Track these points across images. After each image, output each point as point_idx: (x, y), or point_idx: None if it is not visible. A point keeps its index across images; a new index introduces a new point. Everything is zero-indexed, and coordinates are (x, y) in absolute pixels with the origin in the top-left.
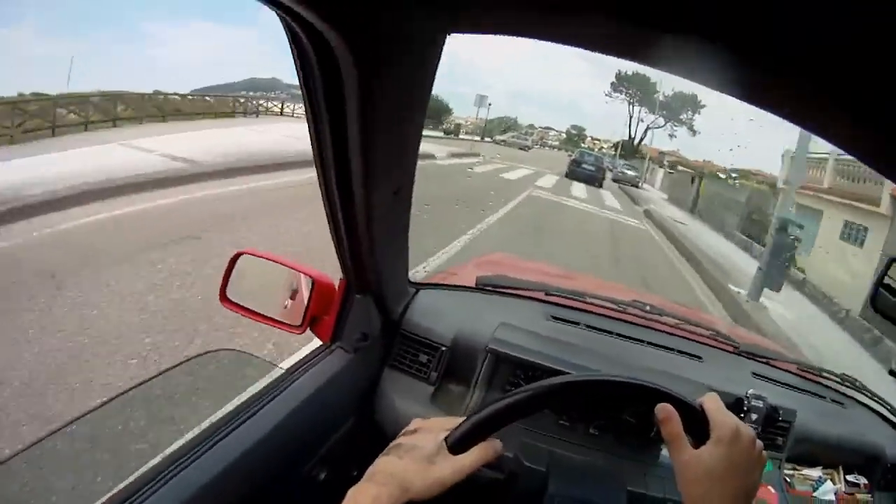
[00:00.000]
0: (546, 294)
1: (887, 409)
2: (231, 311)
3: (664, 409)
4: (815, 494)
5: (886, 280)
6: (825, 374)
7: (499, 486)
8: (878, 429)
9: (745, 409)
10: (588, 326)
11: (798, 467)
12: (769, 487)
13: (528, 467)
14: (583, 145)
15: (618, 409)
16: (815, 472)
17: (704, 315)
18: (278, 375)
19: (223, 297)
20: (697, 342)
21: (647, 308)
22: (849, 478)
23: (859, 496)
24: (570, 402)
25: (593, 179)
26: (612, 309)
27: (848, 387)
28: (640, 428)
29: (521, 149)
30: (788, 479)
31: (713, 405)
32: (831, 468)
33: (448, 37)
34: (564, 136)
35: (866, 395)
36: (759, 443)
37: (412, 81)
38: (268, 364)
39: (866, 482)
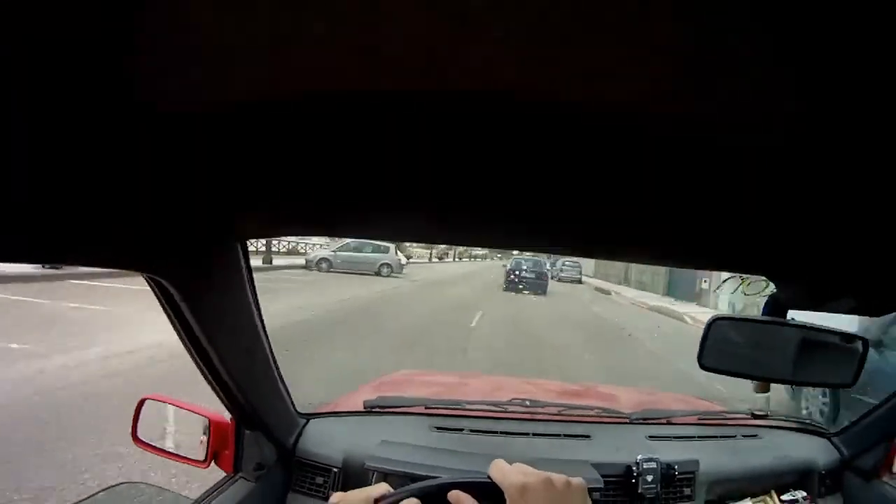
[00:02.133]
0: (427, 408)
1: (803, 422)
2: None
3: (452, 496)
4: None
5: (710, 338)
6: (729, 416)
7: None
8: (801, 444)
9: (636, 473)
10: (472, 430)
11: None
12: None
13: None
14: None
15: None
16: None
17: (601, 389)
18: None
19: (134, 437)
20: (585, 422)
21: (528, 403)
22: (784, 497)
23: None
24: None
25: (536, 287)
26: (493, 410)
27: (758, 418)
28: None
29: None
30: None
31: (497, 472)
32: (763, 496)
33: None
34: None
35: (778, 419)
36: (561, 478)
37: (231, 283)
38: (174, 495)
39: (805, 495)
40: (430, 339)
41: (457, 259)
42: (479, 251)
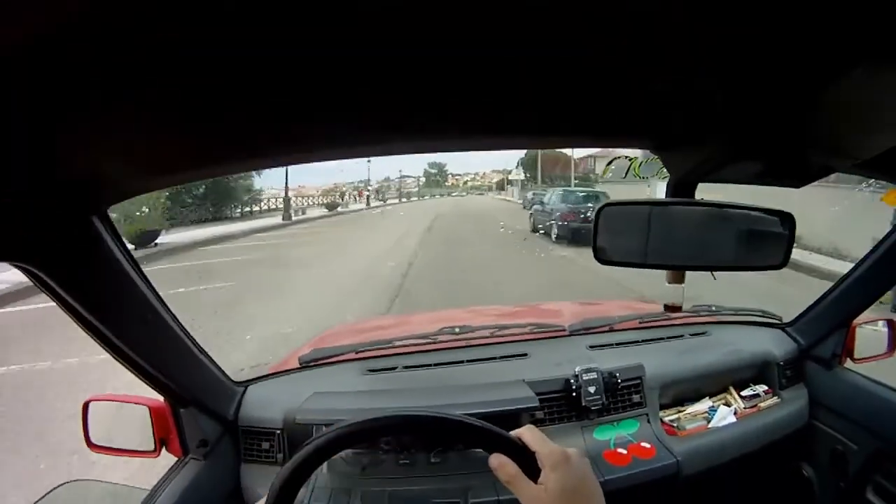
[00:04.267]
0: (357, 353)
1: (754, 314)
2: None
3: (495, 458)
4: (710, 426)
5: (600, 229)
6: (673, 315)
7: None
8: (754, 337)
9: (576, 386)
10: (405, 367)
11: (682, 408)
12: (642, 444)
13: None
14: (446, 185)
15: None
16: (704, 405)
17: (542, 307)
18: (143, 499)
19: (89, 443)
20: (521, 341)
21: (457, 330)
22: (745, 392)
23: (763, 404)
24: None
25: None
26: (424, 343)
27: (704, 315)
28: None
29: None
30: (675, 424)
31: (532, 437)
32: (722, 393)
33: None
34: (423, 180)
35: (727, 314)
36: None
37: (100, 259)
38: (125, 488)
39: (766, 388)
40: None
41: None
42: None
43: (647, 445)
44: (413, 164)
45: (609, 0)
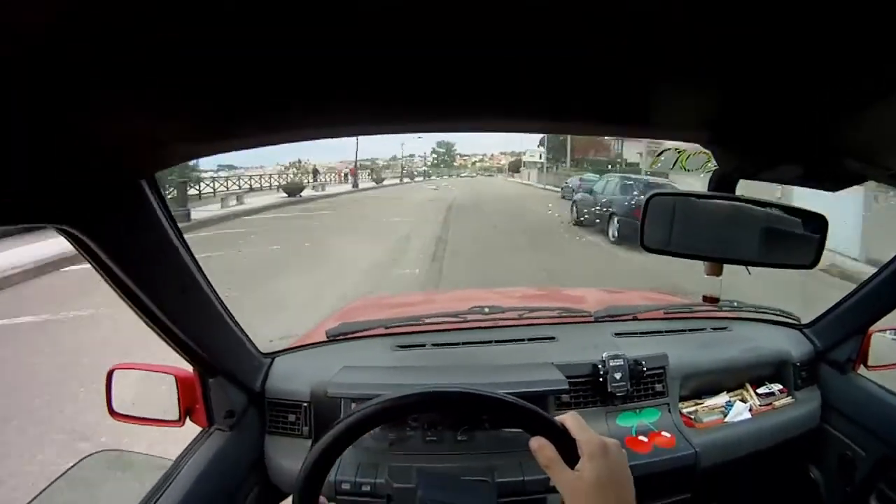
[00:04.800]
0: (387, 328)
1: (774, 313)
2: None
3: (536, 440)
4: (726, 420)
5: (649, 217)
6: (696, 308)
7: None
8: (773, 336)
9: (604, 371)
10: (434, 345)
11: (700, 401)
12: (663, 433)
13: (398, 488)
14: (454, 165)
15: (472, 415)
16: (721, 399)
17: (565, 292)
18: (168, 468)
19: (111, 411)
20: (549, 324)
21: (486, 310)
22: (760, 390)
23: (777, 403)
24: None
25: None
26: (454, 321)
27: (727, 310)
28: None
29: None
30: (692, 416)
31: (575, 424)
32: (739, 389)
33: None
34: (432, 159)
35: (748, 310)
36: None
37: (145, 224)
38: (152, 458)
39: (781, 387)
40: None
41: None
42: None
43: (668, 435)
44: (419, 145)
45: None
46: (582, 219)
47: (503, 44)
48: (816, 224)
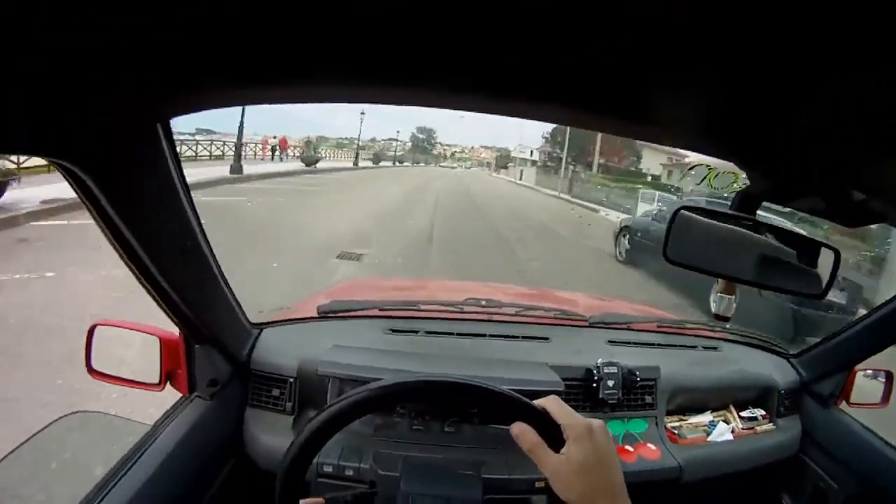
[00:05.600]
0: (380, 310)
1: (763, 339)
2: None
3: (517, 426)
4: (709, 439)
5: (674, 229)
6: (689, 325)
7: (363, 497)
8: (761, 361)
9: (598, 377)
10: (428, 332)
11: (684, 418)
12: (649, 445)
13: (382, 475)
14: (433, 153)
15: (462, 407)
16: (705, 418)
17: (558, 294)
18: (144, 433)
19: (89, 369)
20: (544, 324)
21: (484, 303)
22: (744, 413)
23: (759, 428)
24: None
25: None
26: (450, 311)
27: (719, 331)
28: (495, 418)
29: None
30: (676, 431)
31: (556, 407)
32: (723, 410)
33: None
34: (410, 144)
35: (737, 333)
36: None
37: (154, 173)
38: (129, 422)
39: (764, 413)
40: None
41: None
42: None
43: (653, 447)
44: (395, 128)
45: None
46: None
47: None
48: (831, 256)
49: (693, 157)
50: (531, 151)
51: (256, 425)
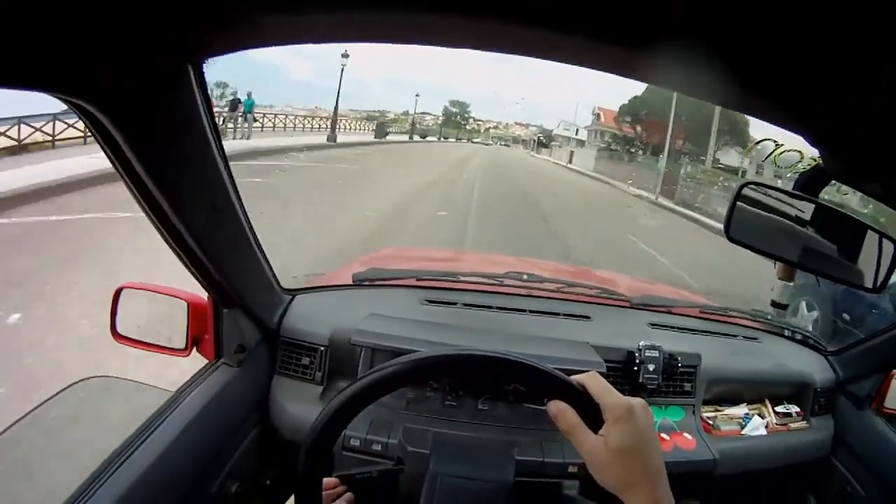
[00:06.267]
0: (418, 280)
1: (805, 335)
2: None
3: (555, 404)
4: (743, 432)
5: (737, 207)
6: (732, 313)
7: (388, 474)
8: (799, 357)
9: (639, 361)
10: (465, 305)
11: (720, 408)
12: (685, 434)
13: (411, 451)
14: (466, 129)
15: (497, 383)
16: (740, 410)
17: (598, 273)
18: (167, 398)
19: (114, 332)
20: (585, 302)
21: (525, 277)
22: (778, 409)
23: (793, 425)
24: (423, 380)
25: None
26: (489, 284)
27: (760, 321)
28: (531, 397)
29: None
30: (711, 422)
31: (596, 385)
32: (758, 403)
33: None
34: (442, 118)
35: (780, 327)
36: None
37: (185, 121)
38: (149, 388)
39: (798, 410)
40: None
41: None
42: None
43: (689, 437)
44: (431, 102)
45: None
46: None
47: None
48: (891, 247)
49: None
50: (576, 130)
51: (283, 394)
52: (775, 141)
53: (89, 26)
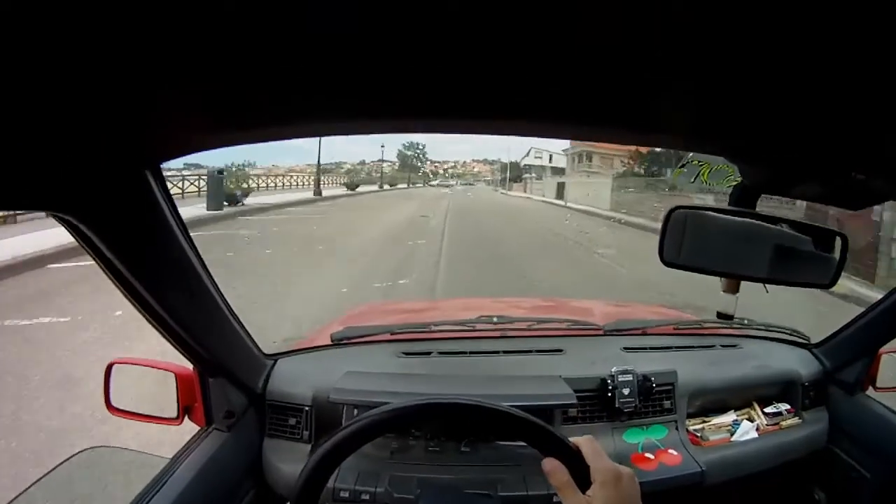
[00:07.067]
0: (392, 334)
1: (785, 333)
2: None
3: (549, 462)
4: (732, 439)
5: (668, 230)
6: (707, 325)
7: None
8: (782, 355)
9: (612, 386)
10: (440, 353)
11: (707, 419)
12: (670, 451)
13: (398, 498)
14: (422, 172)
15: (473, 426)
16: (728, 418)
17: (572, 304)
18: (163, 467)
19: (109, 406)
20: (557, 336)
21: (495, 320)
22: (768, 410)
23: (784, 423)
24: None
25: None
26: (462, 330)
27: (736, 327)
28: (509, 435)
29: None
30: (699, 434)
31: (590, 448)
32: (746, 408)
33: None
34: (398, 163)
35: (757, 328)
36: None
37: (148, 217)
38: (145, 456)
39: (789, 407)
40: None
41: None
42: None
43: (674, 453)
44: (382, 148)
45: None
46: None
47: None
48: (838, 243)
49: None
50: (550, 156)
51: (275, 454)
52: (699, 161)
53: (63, 157)
